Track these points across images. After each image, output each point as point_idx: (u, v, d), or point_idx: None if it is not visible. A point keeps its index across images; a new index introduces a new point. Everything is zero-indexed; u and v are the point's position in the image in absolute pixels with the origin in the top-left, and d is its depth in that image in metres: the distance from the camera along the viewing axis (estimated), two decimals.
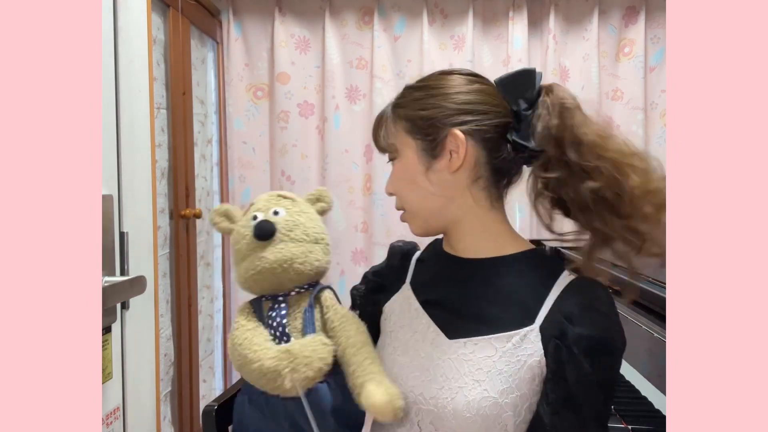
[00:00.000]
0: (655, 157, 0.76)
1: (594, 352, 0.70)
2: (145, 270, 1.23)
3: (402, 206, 0.85)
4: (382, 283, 0.94)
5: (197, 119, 2.06)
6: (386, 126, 0.84)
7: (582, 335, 0.71)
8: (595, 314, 0.73)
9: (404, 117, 0.82)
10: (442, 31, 2.30)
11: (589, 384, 0.70)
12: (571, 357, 0.71)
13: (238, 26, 2.26)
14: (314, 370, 0.78)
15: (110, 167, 1.16)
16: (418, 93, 0.82)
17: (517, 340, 0.74)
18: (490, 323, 0.76)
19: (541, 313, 0.75)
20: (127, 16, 1.22)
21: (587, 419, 0.71)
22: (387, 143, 0.84)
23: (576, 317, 0.72)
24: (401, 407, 0.75)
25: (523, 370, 0.73)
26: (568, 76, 2.31)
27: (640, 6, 2.29)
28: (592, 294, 0.75)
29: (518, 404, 0.72)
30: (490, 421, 0.72)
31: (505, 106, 0.79)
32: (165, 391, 1.77)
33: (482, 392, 0.72)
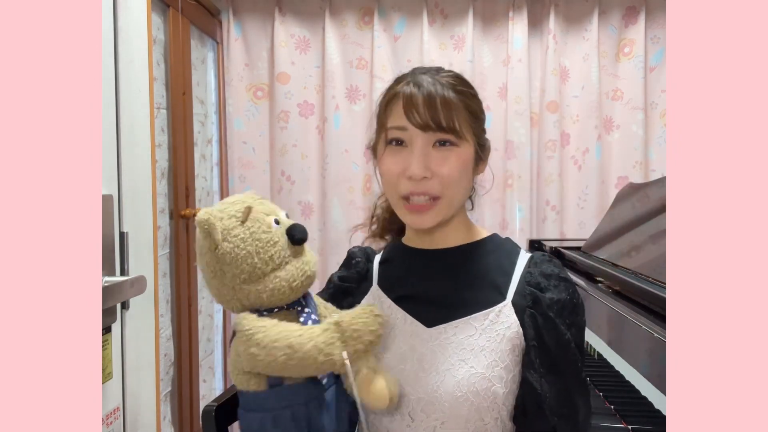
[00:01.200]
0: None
1: (565, 313, 0.78)
2: (145, 270, 1.24)
3: (438, 195, 0.80)
4: (348, 286, 0.94)
5: (197, 119, 2.06)
6: (453, 106, 0.79)
7: (553, 299, 0.78)
8: (559, 281, 0.81)
9: (469, 109, 0.81)
10: (442, 31, 2.30)
11: (567, 344, 0.77)
12: (547, 321, 0.77)
13: (238, 26, 2.26)
14: (365, 343, 0.74)
15: (110, 167, 1.16)
16: (472, 90, 0.84)
17: (493, 316, 0.79)
18: (466, 305, 0.80)
19: (510, 289, 0.81)
20: (127, 16, 1.22)
21: (570, 377, 0.78)
22: (456, 127, 0.79)
23: (544, 285, 0.80)
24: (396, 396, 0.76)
25: (503, 343, 0.77)
26: (568, 76, 2.31)
27: (640, 6, 2.29)
28: (551, 264, 0.84)
29: (504, 376, 0.76)
30: (481, 397, 0.75)
31: None
32: (165, 391, 1.77)
33: (469, 369, 0.76)
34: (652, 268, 1.29)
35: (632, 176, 2.28)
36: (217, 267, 0.77)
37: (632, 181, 2.19)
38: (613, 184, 2.32)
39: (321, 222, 2.32)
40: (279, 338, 0.74)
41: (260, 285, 0.77)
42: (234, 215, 0.78)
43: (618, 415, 1.15)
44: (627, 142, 2.31)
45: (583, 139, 2.31)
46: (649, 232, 1.51)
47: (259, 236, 0.77)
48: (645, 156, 2.31)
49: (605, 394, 1.22)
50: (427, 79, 0.80)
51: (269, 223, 0.78)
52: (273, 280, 0.77)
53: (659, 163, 2.32)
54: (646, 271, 1.31)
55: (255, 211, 0.79)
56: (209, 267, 0.78)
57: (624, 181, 2.25)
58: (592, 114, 2.29)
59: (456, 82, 0.82)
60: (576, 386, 0.78)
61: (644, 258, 1.41)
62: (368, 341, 0.75)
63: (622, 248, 1.57)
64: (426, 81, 0.79)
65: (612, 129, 2.34)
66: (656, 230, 1.46)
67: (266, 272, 0.77)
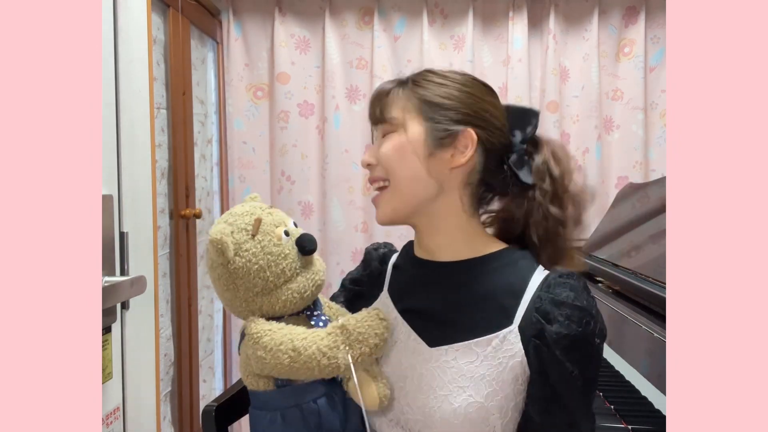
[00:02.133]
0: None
1: (573, 349, 0.71)
2: (145, 270, 1.23)
3: (384, 178, 0.81)
4: (360, 290, 0.93)
5: (197, 119, 2.06)
6: (390, 99, 0.81)
7: (561, 334, 0.71)
8: (570, 310, 0.72)
9: (422, 97, 0.80)
10: (442, 31, 2.30)
11: (573, 381, 0.71)
12: (552, 357, 0.71)
13: (238, 26, 2.26)
14: (370, 346, 0.75)
15: (110, 167, 1.16)
16: (443, 81, 0.81)
17: (497, 342, 0.74)
18: (470, 328, 0.76)
19: (518, 313, 0.76)
20: (127, 16, 1.22)
21: (574, 411, 0.73)
22: (388, 115, 0.81)
23: (553, 315, 0.72)
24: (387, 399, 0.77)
25: (505, 372, 0.74)
26: (568, 76, 2.31)
27: (640, 6, 2.29)
28: (567, 287, 0.75)
29: (504, 405, 0.73)
30: (478, 425, 0.73)
31: (508, 130, 0.83)
32: (165, 391, 1.77)
33: (467, 398, 0.73)
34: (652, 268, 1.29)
35: (632, 176, 2.28)
36: (230, 281, 0.78)
37: (632, 181, 2.19)
38: (613, 184, 2.32)
39: (321, 222, 2.32)
40: (284, 341, 0.74)
41: (273, 297, 0.78)
42: (244, 228, 0.78)
43: (618, 415, 1.15)
44: (627, 142, 2.32)
45: (583, 139, 2.31)
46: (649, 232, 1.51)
47: (270, 250, 0.77)
48: (645, 156, 2.31)
49: (605, 394, 1.22)
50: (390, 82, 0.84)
51: (279, 236, 0.78)
52: (285, 293, 0.78)
53: (659, 163, 2.32)
54: (646, 271, 1.31)
55: (265, 223, 0.78)
56: (221, 280, 0.79)
57: (624, 181, 2.25)
58: (592, 114, 2.29)
59: (423, 74, 0.82)
60: (582, 420, 0.75)
61: (644, 258, 1.41)
62: (373, 344, 0.75)
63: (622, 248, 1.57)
64: (391, 81, 0.84)
65: (612, 129, 2.34)
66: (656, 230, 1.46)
67: (278, 285, 0.77)
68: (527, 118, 0.84)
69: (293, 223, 0.82)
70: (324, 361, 0.74)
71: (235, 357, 2.33)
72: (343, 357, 0.74)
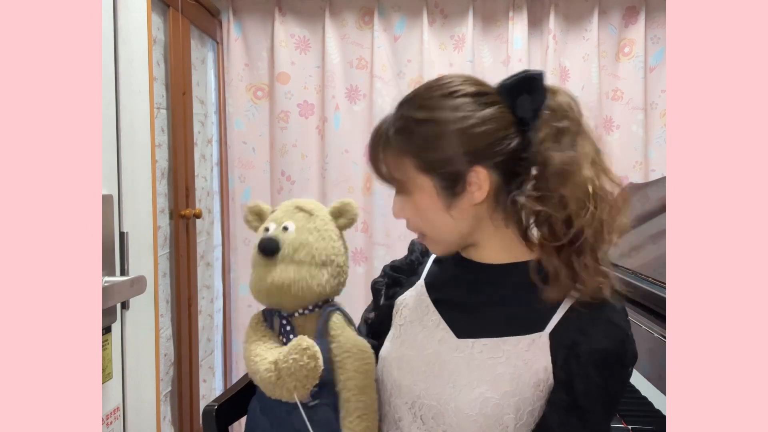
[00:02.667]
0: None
1: (605, 365, 0.71)
2: (145, 270, 1.23)
3: (421, 230, 0.81)
4: (399, 277, 0.95)
5: (197, 119, 2.06)
6: (389, 159, 0.77)
7: (595, 349, 0.71)
8: (609, 326, 0.73)
9: (415, 155, 0.75)
10: (442, 31, 2.30)
11: (598, 395, 0.71)
12: (581, 369, 0.71)
13: (238, 26, 2.26)
14: (299, 380, 0.77)
15: (110, 167, 1.16)
16: (427, 128, 0.75)
17: (526, 344, 0.74)
18: (500, 326, 0.76)
19: (552, 321, 0.75)
20: (127, 16, 1.22)
21: (593, 426, 0.72)
22: (391, 176, 0.78)
23: (589, 329, 0.72)
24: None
25: (527, 375, 0.73)
26: (568, 76, 2.31)
27: (640, 6, 2.29)
28: (606, 306, 0.74)
29: (520, 407, 0.73)
30: (491, 422, 0.73)
31: (512, 119, 0.75)
32: (165, 391, 1.77)
33: (485, 392, 0.73)
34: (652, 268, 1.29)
35: (632, 176, 2.28)
36: None
37: (632, 181, 2.19)
38: None
39: None
40: (247, 355, 0.84)
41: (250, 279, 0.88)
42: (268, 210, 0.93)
43: (618, 415, 1.15)
44: (627, 142, 2.31)
45: None
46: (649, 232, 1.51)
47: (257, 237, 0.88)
48: (645, 156, 2.31)
49: None
50: (384, 126, 0.79)
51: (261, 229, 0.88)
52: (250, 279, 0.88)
53: (659, 163, 2.32)
54: (646, 271, 1.31)
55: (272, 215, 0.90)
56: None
57: (624, 181, 2.25)
58: (592, 114, 2.29)
59: (407, 124, 0.76)
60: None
61: (644, 258, 1.41)
62: (304, 376, 0.77)
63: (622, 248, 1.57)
64: (381, 129, 0.79)
65: (612, 129, 2.34)
66: (656, 230, 1.46)
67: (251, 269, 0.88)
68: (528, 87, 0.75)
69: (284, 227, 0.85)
70: (270, 389, 0.80)
71: (235, 357, 2.33)
72: (280, 390, 0.79)
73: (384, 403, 0.83)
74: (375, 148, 0.79)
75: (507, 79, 0.77)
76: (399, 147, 0.76)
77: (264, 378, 0.79)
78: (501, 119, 0.75)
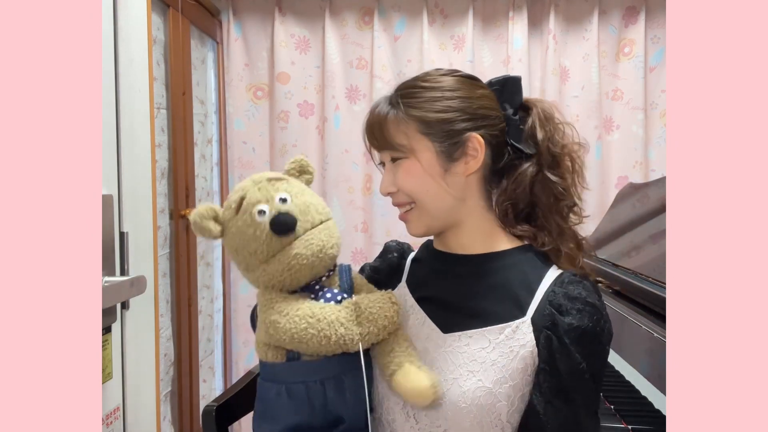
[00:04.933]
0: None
1: (584, 342, 0.74)
2: (145, 270, 1.24)
3: (408, 202, 0.83)
4: (378, 279, 0.94)
5: (197, 119, 2.06)
6: (389, 124, 0.81)
7: (572, 326, 0.74)
8: (584, 305, 0.76)
9: (419, 118, 0.80)
10: (442, 31, 2.30)
11: (580, 373, 0.74)
12: (563, 347, 0.74)
13: (238, 26, 2.26)
14: (378, 327, 0.75)
15: (110, 167, 1.16)
16: (433, 93, 0.81)
17: (510, 331, 0.77)
18: (484, 316, 0.79)
19: (532, 305, 0.78)
20: (127, 16, 1.22)
21: (579, 407, 0.74)
22: (394, 142, 0.81)
23: (566, 308, 0.75)
24: (440, 393, 0.75)
25: (515, 361, 0.75)
26: (568, 76, 2.31)
27: (640, 6, 2.29)
28: (580, 285, 0.78)
29: (511, 394, 0.75)
30: (485, 411, 0.74)
31: (500, 110, 0.84)
32: (165, 391, 1.77)
33: (476, 382, 0.75)
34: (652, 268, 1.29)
35: (632, 176, 2.28)
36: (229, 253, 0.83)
37: (632, 181, 2.19)
38: (613, 184, 2.32)
39: None
40: (302, 307, 0.76)
41: (255, 275, 0.80)
42: (230, 205, 0.80)
43: (618, 415, 1.15)
44: (627, 142, 2.31)
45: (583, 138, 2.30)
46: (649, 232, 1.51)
47: (244, 230, 0.77)
48: (645, 156, 2.31)
49: (605, 394, 1.22)
50: (382, 100, 0.84)
51: (254, 215, 0.77)
52: (262, 274, 0.79)
53: (659, 163, 2.32)
54: (646, 271, 1.31)
55: (247, 201, 0.78)
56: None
57: (624, 181, 2.25)
58: (592, 114, 2.29)
59: (410, 91, 0.82)
60: (585, 417, 0.75)
61: (644, 258, 1.41)
62: (382, 326, 0.76)
63: (622, 248, 1.57)
64: (380, 102, 0.84)
65: (612, 129, 2.34)
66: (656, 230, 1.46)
67: (256, 265, 0.78)
68: (512, 87, 0.85)
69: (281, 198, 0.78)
70: (341, 331, 0.74)
71: (235, 357, 2.33)
72: (356, 331, 0.74)
73: (376, 406, 0.83)
74: (375, 116, 0.83)
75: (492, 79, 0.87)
76: (403, 110, 0.80)
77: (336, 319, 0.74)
78: (494, 100, 0.84)
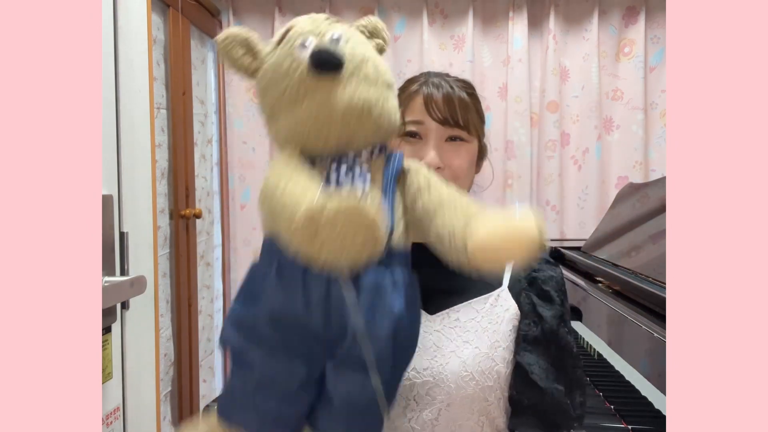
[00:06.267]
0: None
1: (559, 288, 0.85)
2: (145, 270, 1.24)
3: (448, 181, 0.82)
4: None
5: (197, 119, 2.06)
6: (470, 108, 0.85)
7: (548, 275, 0.85)
8: (548, 263, 0.88)
9: (477, 110, 0.87)
10: (442, 31, 2.30)
11: (560, 317, 0.82)
12: (544, 295, 0.83)
13: (238, 26, 2.26)
14: (347, 243, 0.51)
15: (110, 167, 1.16)
16: (477, 96, 0.88)
17: (493, 300, 0.83)
18: (466, 291, 0.83)
19: (506, 276, 0.85)
20: (127, 16, 1.22)
21: (565, 350, 0.81)
22: (471, 125, 0.85)
23: (537, 267, 0.86)
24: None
25: (503, 324, 0.81)
26: (568, 76, 2.31)
27: (640, 6, 2.29)
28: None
29: (506, 356, 0.79)
30: (486, 375, 0.77)
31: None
32: (165, 391, 1.77)
33: (474, 350, 0.78)
34: (652, 268, 1.29)
35: (632, 176, 2.28)
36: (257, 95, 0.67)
37: (632, 181, 2.19)
38: (613, 184, 2.32)
39: None
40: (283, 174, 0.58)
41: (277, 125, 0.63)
42: (273, 40, 0.65)
43: (618, 415, 1.15)
44: (627, 142, 2.32)
45: (583, 139, 2.31)
46: (649, 232, 1.51)
47: (279, 63, 0.62)
48: (645, 156, 2.31)
49: (605, 394, 1.22)
50: (442, 82, 0.87)
51: (294, 47, 0.61)
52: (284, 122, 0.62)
53: (659, 163, 2.32)
54: (646, 271, 1.31)
55: (293, 31, 0.63)
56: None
57: (624, 181, 2.25)
58: (592, 114, 2.29)
59: (466, 85, 0.89)
60: (571, 358, 0.81)
61: (644, 258, 1.41)
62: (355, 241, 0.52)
63: (622, 248, 1.57)
64: (443, 83, 0.87)
65: (612, 129, 2.34)
66: (656, 230, 1.46)
67: (280, 109, 0.62)
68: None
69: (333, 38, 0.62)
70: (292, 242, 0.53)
71: None
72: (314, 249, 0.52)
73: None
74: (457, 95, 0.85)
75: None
76: (471, 101, 0.86)
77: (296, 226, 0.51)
78: None
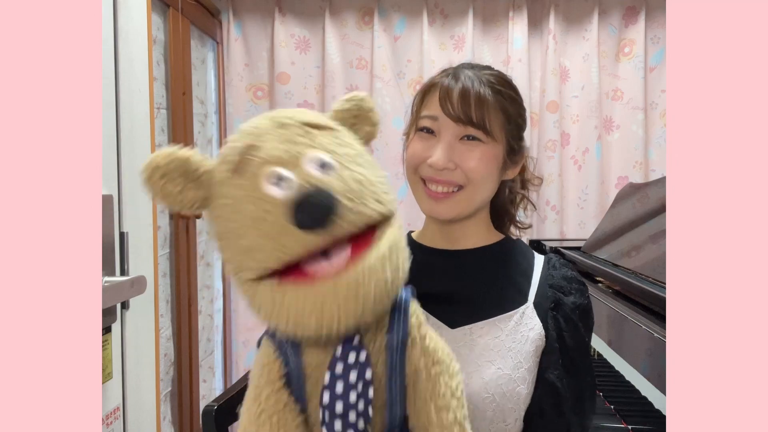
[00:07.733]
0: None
1: (585, 317, 0.82)
2: (145, 270, 1.24)
3: (460, 184, 0.79)
4: None
5: (197, 119, 2.06)
6: (488, 107, 0.78)
7: (576, 304, 0.82)
8: (579, 284, 0.84)
9: (504, 111, 0.80)
10: (442, 31, 2.30)
11: (586, 346, 0.81)
12: (569, 324, 0.80)
13: (238, 26, 2.26)
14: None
15: (110, 167, 1.16)
16: (515, 95, 0.82)
17: (518, 317, 0.79)
18: (490, 307, 0.80)
19: (531, 291, 0.82)
20: (127, 16, 1.22)
21: (586, 378, 0.81)
22: (488, 125, 0.78)
23: (567, 289, 0.83)
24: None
25: (527, 344, 0.78)
26: (568, 76, 2.31)
27: (640, 6, 2.29)
28: (568, 268, 0.86)
29: (527, 377, 0.77)
30: (507, 398, 0.75)
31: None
32: (165, 391, 1.77)
33: (497, 371, 0.76)
34: (652, 268, 1.29)
35: (632, 176, 2.28)
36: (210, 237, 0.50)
37: (632, 181, 2.19)
38: (613, 184, 2.32)
39: None
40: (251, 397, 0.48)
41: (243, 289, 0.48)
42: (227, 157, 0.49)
43: (618, 415, 1.15)
44: (627, 142, 2.32)
45: (583, 139, 2.31)
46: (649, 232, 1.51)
47: (241, 205, 0.46)
48: (645, 156, 2.31)
49: (605, 394, 1.22)
50: (468, 74, 0.80)
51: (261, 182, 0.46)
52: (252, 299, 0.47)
53: (659, 163, 2.32)
54: (646, 271, 1.31)
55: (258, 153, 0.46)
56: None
57: (624, 181, 2.25)
58: (592, 114, 2.29)
59: (497, 81, 0.81)
60: (589, 388, 0.80)
61: (644, 258, 1.41)
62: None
63: (622, 248, 1.57)
64: (466, 75, 0.80)
65: (612, 129, 2.34)
66: (656, 230, 1.46)
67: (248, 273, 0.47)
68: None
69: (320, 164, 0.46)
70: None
71: (235, 357, 2.32)
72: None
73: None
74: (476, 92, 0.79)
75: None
76: (498, 101, 0.80)
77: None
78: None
